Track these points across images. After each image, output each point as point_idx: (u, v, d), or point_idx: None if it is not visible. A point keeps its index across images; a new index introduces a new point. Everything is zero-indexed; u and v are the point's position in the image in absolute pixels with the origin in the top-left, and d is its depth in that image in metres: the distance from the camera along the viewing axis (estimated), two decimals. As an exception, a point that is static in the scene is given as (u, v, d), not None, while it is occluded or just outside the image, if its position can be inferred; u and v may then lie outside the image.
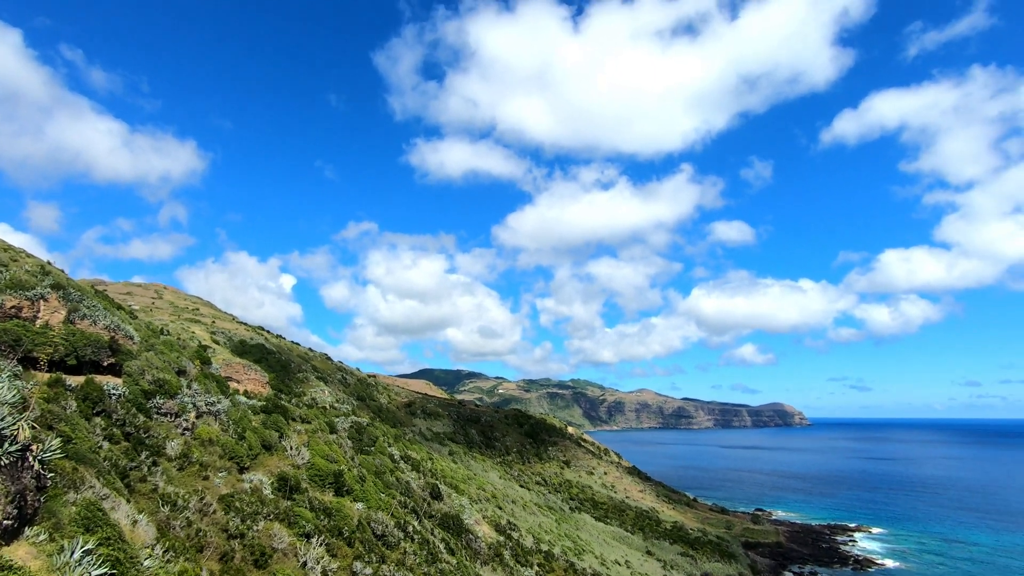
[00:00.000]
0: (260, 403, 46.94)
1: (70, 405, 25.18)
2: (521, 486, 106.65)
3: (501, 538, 62.39)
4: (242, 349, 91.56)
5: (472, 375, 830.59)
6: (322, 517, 33.52)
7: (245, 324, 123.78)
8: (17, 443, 9.76)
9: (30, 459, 10.29)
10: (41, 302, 30.53)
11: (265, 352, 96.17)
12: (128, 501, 18.23)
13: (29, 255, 36.94)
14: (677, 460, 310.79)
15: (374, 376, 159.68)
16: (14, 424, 9.56)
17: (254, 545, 26.06)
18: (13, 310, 29.72)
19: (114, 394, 28.89)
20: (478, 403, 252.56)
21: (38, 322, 30.79)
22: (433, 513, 55.66)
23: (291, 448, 39.55)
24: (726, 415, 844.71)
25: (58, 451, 10.76)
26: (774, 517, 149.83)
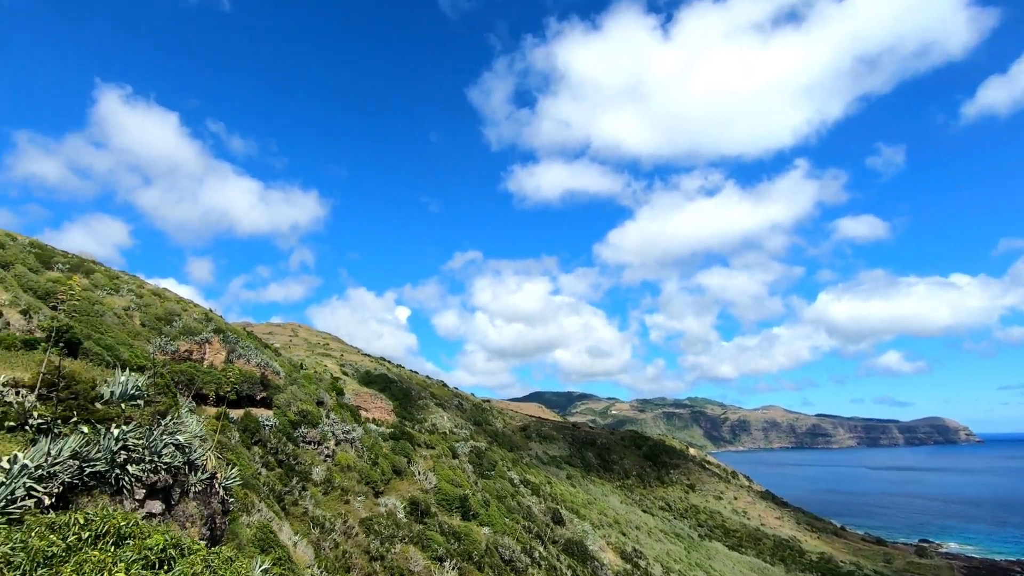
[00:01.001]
0: (388, 430, 49.75)
1: (234, 436, 28.39)
2: (644, 511, 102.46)
3: (628, 566, 60.13)
4: (368, 379, 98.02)
5: (583, 396, 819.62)
6: (452, 541, 34.50)
7: (369, 356, 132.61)
8: (206, 472, 11.11)
9: (216, 486, 11.65)
10: (207, 345, 34.96)
11: (388, 381, 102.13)
12: (287, 524, 19.98)
13: (195, 304, 42.69)
14: (816, 483, 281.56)
15: (488, 401, 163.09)
16: (204, 455, 10.91)
17: (393, 567, 27.39)
18: (186, 353, 34.35)
19: (267, 425, 32.15)
20: (591, 425, 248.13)
21: (205, 363, 35.27)
22: (556, 539, 55.08)
23: (419, 473, 41.34)
24: (871, 432, 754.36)
25: (236, 478, 12.13)
26: (944, 550, 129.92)
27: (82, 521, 4.82)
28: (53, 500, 9.51)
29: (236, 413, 32.55)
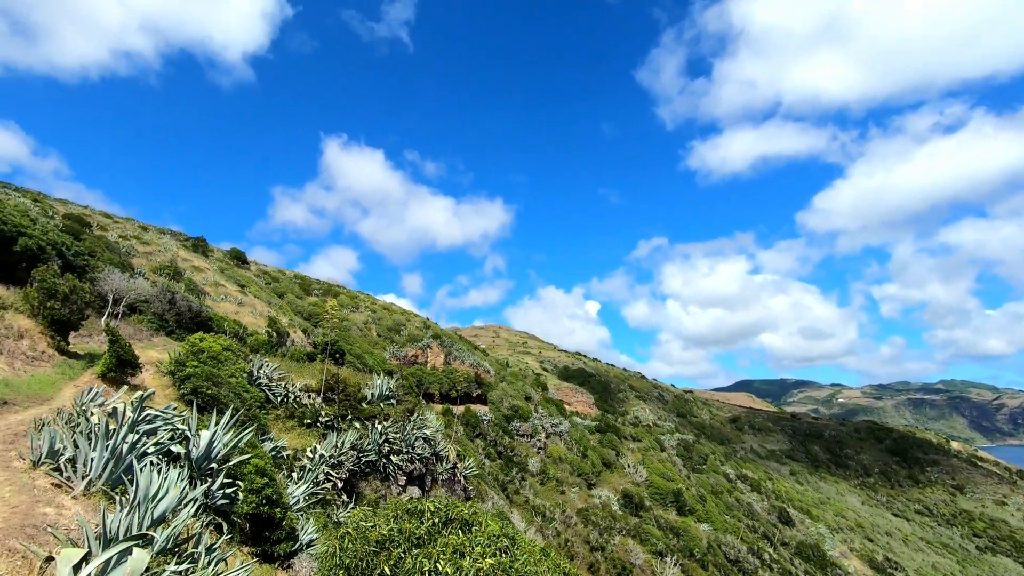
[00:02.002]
0: (592, 423, 50.55)
1: (459, 430, 31.56)
2: (895, 515, 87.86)
3: (881, 577, 52.14)
4: (566, 374, 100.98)
5: (800, 384, 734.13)
6: (670, 536, 33.64)
7: (564, 351, 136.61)
8: (449, 462, 12.46)
9: (457, 475, 12.99)
10: (428, 350, 39.50)
11: (586, 375, 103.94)
12: (515, 511, 21.50)
13: (415, 314, 48.62)
14: None
15: (690, 391, 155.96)
16: (446, 447, 12.26)
17: (614, 558, 27.70)
18: (413, 357, 39.26)
19: (485, 419, 35.08)
20: (814, 415, 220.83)
21: (428, 365, 39.89)
22: (786, 540, 50.17)
23: (628, 466, 41.19)
24: None
25: (473, 468, 13.42)
26: None
27: (432, 509, 5.82)
28: (342, 484, 11.61)
29: (458, 409, 36.19)
